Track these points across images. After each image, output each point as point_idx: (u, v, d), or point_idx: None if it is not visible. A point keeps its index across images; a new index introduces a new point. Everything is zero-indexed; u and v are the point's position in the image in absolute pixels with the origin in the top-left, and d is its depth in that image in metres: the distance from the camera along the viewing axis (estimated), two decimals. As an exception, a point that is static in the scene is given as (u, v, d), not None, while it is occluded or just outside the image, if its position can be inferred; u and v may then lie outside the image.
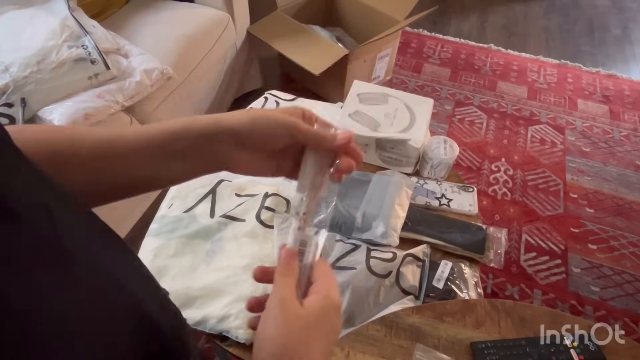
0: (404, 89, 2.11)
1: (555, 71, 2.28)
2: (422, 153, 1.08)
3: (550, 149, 1.89)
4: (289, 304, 0.36)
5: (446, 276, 0.88)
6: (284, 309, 0.36)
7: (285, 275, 0.39)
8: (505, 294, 1.44)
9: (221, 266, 0.88)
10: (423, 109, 1.14)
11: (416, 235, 0.95)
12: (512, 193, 1.72)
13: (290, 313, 0.36)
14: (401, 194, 0.98)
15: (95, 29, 1.28)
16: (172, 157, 0.40)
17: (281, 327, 0.35)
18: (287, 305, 0.36)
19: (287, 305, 0.36)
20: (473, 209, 1.02)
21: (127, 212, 1.45)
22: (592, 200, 1.71)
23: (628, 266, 1.52)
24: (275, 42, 1.78)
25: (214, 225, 0.94)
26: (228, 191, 1.01)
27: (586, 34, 2.57)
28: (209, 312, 0.82)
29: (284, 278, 0.38)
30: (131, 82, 1.25)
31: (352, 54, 1.72)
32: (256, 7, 1.88)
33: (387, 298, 0.85)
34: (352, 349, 0.70)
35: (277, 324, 0.35)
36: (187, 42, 1.48)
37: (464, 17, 2.64)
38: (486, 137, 1.93)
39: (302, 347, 0.35)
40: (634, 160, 1.87)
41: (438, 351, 0.69)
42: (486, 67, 2.28)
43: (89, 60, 1.20)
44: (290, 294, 0.37)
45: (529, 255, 1.53)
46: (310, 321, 0.36)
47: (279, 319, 0.36)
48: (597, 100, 2.14)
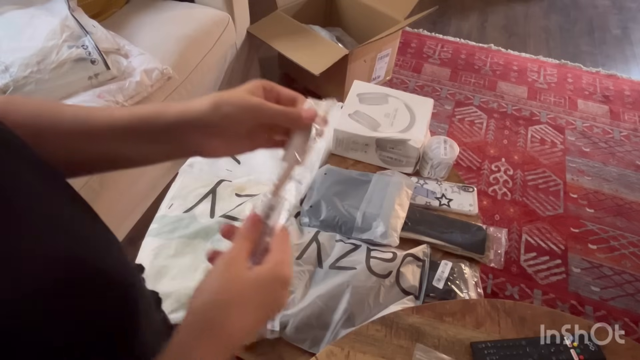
0: (404, 89, 2.11)
1: (555, 71, 2.28)
2: (422, 153, 1.08)
3: (550, 149, 1.89)
4: (236, 264, 0.37)
5: (446, 276, 0.88)
6: (231, 267, 0.37)
7: (244, 238, 0.40)
8: (505, 294, 1.43)
9: (221, 266, 0.88)
10: (423, 109, 1.14)
11: (416, 235, 0.95)
12: (512, 193, 1.72)
13: (235, 272, 0.37)
14: (401, 194, 0.98)
15: (95, 29, 1.28)
16: (145, 140, 0.41)
17: (222, 281, 0.37)
18: (235, 265, 0.37)
19: (235, 265, 0.37)
20: (473, 209, 1.02)
21: (127, 212, 1.45)
22: (592, 200, 1.71)
23: (628, 266, 1.52)
24: (275, 42, 1.78)
25: (214, 225, 0.94)
26: (228, 191, 1.01)
27: (586, 34, 2.57)
28: (209, 312, 0.82)
29: (242, 241, 0.39)
30: (131, 82, 1.25)
31: (352, 54, 1.72)
32: (256, 7, 1.88)
33: (387, 298, 0.85)
34: (352, 349, 0.70)
35: (219, 277, 0.37)
36: (187, 42, 1.48)
37: (464, 17, 2.64)
38: (486, 137, 1.93)
39: (236, 306, 0.36)
40: (634, 160, 1.87)
41: (438, 351, 0.69)
42: (486, 67, 2.28)
43: (89, 60, 1.20)
44: (241, 257, 0.38)
45: (529, 255, 1.53)
46: (251, 286, 0.37)
47: (223, 273, 0.37)
48: (597, 100, 2.14)
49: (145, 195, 1.51)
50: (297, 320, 0.80)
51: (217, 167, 1.08)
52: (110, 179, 1.23)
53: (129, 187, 1.38)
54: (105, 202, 1.26)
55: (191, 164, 1.09)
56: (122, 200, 1.38)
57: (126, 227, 1.46)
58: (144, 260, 0.90)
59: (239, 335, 0.36)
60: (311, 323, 0.81)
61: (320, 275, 0.88)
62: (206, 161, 1.09)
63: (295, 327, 0.80)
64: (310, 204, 0.98)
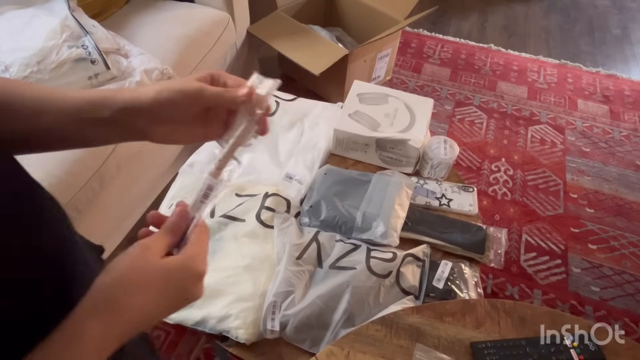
0: (404, 89, 2.12)
1: (555, 71, 2.28)
2: (422, 153, 1.08)
3: (550, 149, 1.89)
4: (150, 251, 0.38)
5: (446, 276, 0.88)
6: (144, 253, 0.38)
7: (168, 231, 0.40)
8: (505, 294, 1.44)
9: (221, 266, 0.88)
10: (423, 109, 1.14)
11: (416, 235, 0.95)
12: (512, 193, 1.72)
13: (146, 258, 0.38)
14: (401, 194, 0.98)
15: (95, 29, 1.28)
16: (97, 123, 0.42)
17: (132, 264, 0.37)
18: (148, 251, 0.38)
19: (148, 251, 0.38)
20: (473, 209, 1.02)
21: (127, 212, 1.45)
22: (592, 200, 1.71)
23: (628, 266, 1.52)
24: (275, 42, 1.78)
25: (214, 225, 0.94)
26: (228, 191, 1.01)
27: (586, 34, 2.57)
28: (209, 312, 0.82)
29: (164, 233, 0.40)
30: (131, 82, 1.25)
31: (352, 54, 1.72)
32: (256, 7, 1.88)
33: (387, 298, 0.85)
34: (352, 349, 0.70)
35: (130, 259, 0.38)
36: (187, 42, 1.48)
37: (464, 17, 2.64)
38: (486, 137, 1.93)
39: (139, 289, 0.36)
40: (634, 160, 1.87)
41: (438, 351, 0.69)
42: (486, 67, 2.28)
43: (89, 60, 1.20)
44: (158, 245, 0.39)
45: (529, 255, 1.53)
46: (158, 273, 0.38)
47: (135, 257, 0.38)
48: (597, 100, 2.14)
49: (145, 195, 1.51)
50: (297, 320, 0.80)
51: (217, 167, 1.08)
52: (110, 179, 1.23)
53: (129, 187, 1.37)
54: (105, 202, 1.26)
55: (191, 164, 1.08)
56: (122, 200, 1.38)
57: (126, 227, 1.46)
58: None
59: (139, 318, 0.37)
60: (311, 323, 0.81)
61: (320, 275, 0.88)
62: (206, 161, 1.09)
63: (295, 327, 0.80)
64: (310, 204, 0.98)
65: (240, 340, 0.80)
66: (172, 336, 1.27)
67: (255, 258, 0.89)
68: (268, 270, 0.88)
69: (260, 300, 0.83)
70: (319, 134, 1.14)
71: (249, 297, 0.83)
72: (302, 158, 1.09)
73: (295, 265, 0.87)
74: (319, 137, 1.13)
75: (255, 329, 0.81)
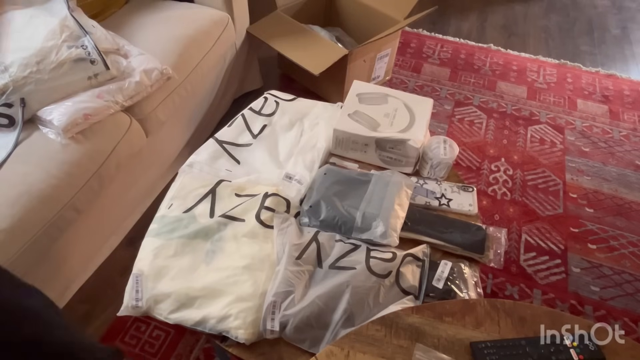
0: (403, 89, 2.12)
1: (554, 71, 2.28)
2: (421, 153, 1.08)
3: (549, 149, 1.89)
4: None
5: (446, 276, 0.88)
6: None
7: None
8: (505, 294, 1.44)
9: (221, 266, 0.88)
10: (423, 109, 1.14)
11: (416, 235, 0.95)
12: (512, 193, 1.72)
13: None
14: (401, 194, 0.98)
15: (94, 29, 1.28)
16: None
17: None
18: None
19: None
20: (473, 208, 1.02)
21: (127, 212, 1.45)
22: (592, 200, 1.71)
23: (628, 266, 1.52)
24: (275, 42, 1.78)
25: (213, 225, 0.94)
26: (228, 191, 1.01)
27: (586, 34, 2.57)
28: (209, 312, 0.82)
29: None
30: (131, 82, 1.25)
31: (352, 54, 1.72)
32: (256, 7, 1.88)
33: (387, 298, 0.85)
34: (352, 349, 0.70)
35: None
36: (187, 42, 1.48)
37: (464, 17, 2.65)
38: (486, 137, 1.93)
39: None
40: (634, 160, 1.87)
41: (438, 351, 0.69)
42: (486, 67, 2.28)
43: (89, 61, 1.20)
44: None
45: (528, 255, 1.53)
46: None
47: None
48: (596, 100, 2.14)
49: (144, 195, 1.51)
50: (296, 320, 0.80)
51: (216, 167, 1.08)
52: (110, 179, 1.23)
53: (128, 187, 1.38)
54: (105, 202, 1.26)
55: (191, 164, 1.08)
56: (121, 201, 1.38)
57: (126, 227, 1.46)
58: (144, 261, 0.90)
59: None
60: (311, 323, 0.81)
61: (320, 275, 0.88)
62: (206, 161, 1.09)
63: (295, 327, 0.80)
64: (310, 204, 0.98)
65: (240, 340, 0.80)
66: (172, 336, 1.27)
67: (255, 258, 0.89)
68: (268, 270, 0.88)
69: (260, 301, 0.83)
70: (318, 134, 1.14)
71: (248, 297, 0.83)
72: (302, 158, 1.09)
73: (295, 265, 0.87)
74: (319, 137, 1.13)
75: (255, 329, 0.81)
